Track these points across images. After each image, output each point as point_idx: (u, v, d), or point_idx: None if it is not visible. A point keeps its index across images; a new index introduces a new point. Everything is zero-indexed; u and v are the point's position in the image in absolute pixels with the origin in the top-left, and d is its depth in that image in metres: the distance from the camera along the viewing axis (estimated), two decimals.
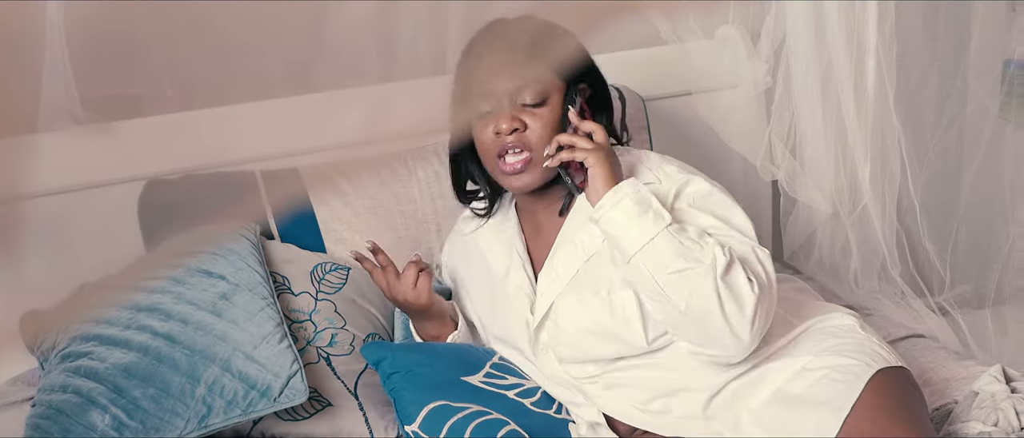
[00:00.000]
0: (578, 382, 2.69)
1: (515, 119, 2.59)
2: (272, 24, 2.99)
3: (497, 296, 2.78)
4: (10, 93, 2.32)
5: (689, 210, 2.58)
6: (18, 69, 2.44)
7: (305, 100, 3.12)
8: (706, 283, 2.44)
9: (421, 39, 3.23)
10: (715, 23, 3.58)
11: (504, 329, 2.78)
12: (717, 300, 2.45)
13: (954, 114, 3.42)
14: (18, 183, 1.96)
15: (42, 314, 2.62)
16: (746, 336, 2.48)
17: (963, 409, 2.72)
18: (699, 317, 2.47)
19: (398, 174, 3.17)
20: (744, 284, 2.47)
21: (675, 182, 2.61)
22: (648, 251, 2.48)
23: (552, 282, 2.67)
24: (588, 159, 2.53)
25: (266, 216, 3.10)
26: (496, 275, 2.78)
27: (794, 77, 3.37)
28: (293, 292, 2.94)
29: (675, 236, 2.48)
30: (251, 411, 2.71)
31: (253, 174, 3.08)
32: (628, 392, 2.65)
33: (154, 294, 2.82)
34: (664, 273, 2.47)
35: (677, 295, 2.46)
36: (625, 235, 2.50)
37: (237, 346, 2.75)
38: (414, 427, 2.66)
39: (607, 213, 2.51)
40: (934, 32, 3.40)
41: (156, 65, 3.11)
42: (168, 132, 3.13)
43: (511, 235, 2.78)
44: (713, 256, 2.46)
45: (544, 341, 2.70)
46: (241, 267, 2.86)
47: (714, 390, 2.59)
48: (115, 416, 2.68)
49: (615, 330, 2.60)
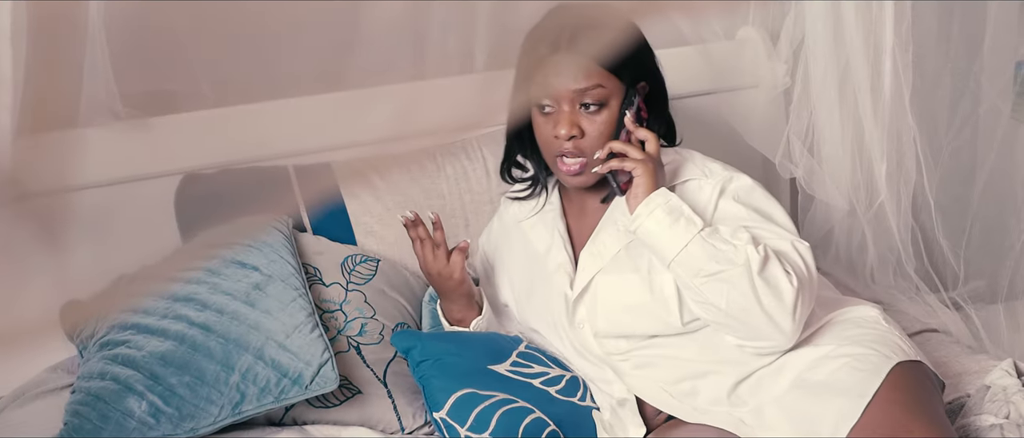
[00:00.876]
0: (610, 357, 2.71)
1: (574, 125, 2.62)
2: (306, 24, 3.00)
3: (536, 275, 2.81)
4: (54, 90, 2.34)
5: (733, 205, 2.62)
6: (61, 67, 2.46)
7: (337, 97, 3.13)
8: (743, 282, 2.48)
9: (449, 38, 3.24)
10: (736, 24, 3.58)
11: (542, 304, 2.80)
12: (755, 297, 2.48)
13: (967, 114, 3.42)
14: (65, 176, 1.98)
15: (81, 304, 2.64)
16: (788, 327, 2.51)
17: (975, 402, 2.73)
18: (740, 314, 2.51)
19: (427, 170, 3.18)
20: (781, 277, 2.50)
21: (720, 178, 2.66)
22: (683, 257, 2.52)
23: (593, 258, 2.71)
24: (636, 169, 2.56)
25: (299, 209, 3.11)
26: (537, 253, 2.81)
27: (812, 77, 3.36)
28: (324, 283, 2.95)
29: (707, 240, 2.52)
30: (283, 398, 2.73)
31: (286, 169, 3.08)
32: (657, 373, 2.68)
33: (190, 284, 2.84)
34: (700, 276, 2.51)
35: (716, 296, 2.50)
36: (660, 243, 2.54)
37: (270, 335, 2.77)
38: (442, 414, 2.67)
39: (642, 223, 2.54)
40: (948, 34, 3.40)
41: (193, 63, 3.12)
42: (204, 128, 3.14)
43: (553, 216, 2.82)
44: (746, 256, 2.49)
45: (581, 315, 2.73)
46: (274, 259, 2.88)
47: (741, 376, 2.62)
48: (152, 403, 2.70)
49: (652, 308, 2.64)
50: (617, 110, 2.63)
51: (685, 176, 2.67)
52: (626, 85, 2.64)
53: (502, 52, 2.77)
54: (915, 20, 3.25)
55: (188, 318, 2.79)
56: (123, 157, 3.02)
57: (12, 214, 2.19)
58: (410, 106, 2.56)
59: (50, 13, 2.46)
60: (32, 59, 2.62)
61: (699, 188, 2.65)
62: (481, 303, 2.86)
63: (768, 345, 2.56)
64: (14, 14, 2.64)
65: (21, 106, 2.66)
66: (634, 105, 2.63)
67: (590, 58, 2.59)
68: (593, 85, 2.61)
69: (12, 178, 2.49)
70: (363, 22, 2.95)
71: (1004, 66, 3.33)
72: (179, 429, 2.69)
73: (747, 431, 2.58)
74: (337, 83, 3.09)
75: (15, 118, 2.66)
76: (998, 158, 3.36)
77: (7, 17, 2.64)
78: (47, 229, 2.03)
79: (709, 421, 2.63)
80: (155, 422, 2.69)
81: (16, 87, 2.68)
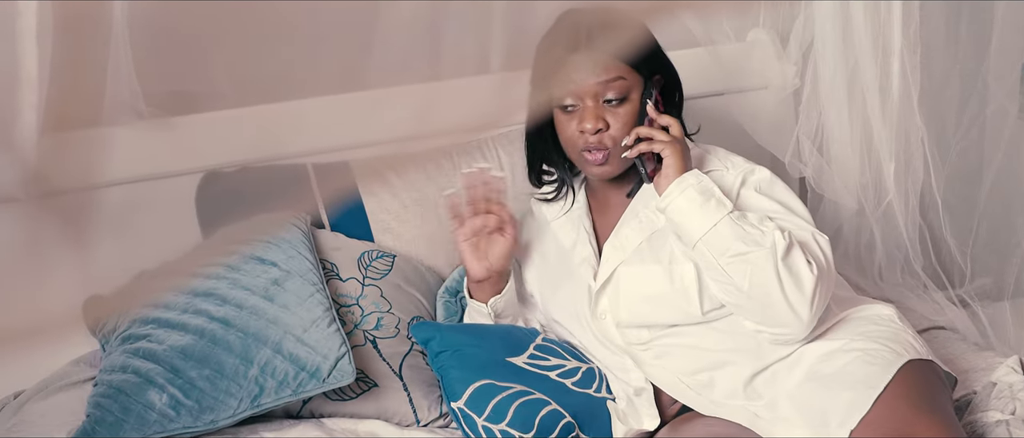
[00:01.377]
0: (630, 347, 2.73)
1: (599, 119, 2.64)
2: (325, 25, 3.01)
3: (563, 270, 2.83)
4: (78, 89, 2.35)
5: (755, 195, 2.65)
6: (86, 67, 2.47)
7: (355, 97, 3.14)
8: (767, 264, 2.50)
9: (465, 39, 3.24)
10: (746, 26, 3.59)
11: (567, 296, 2.82)
12: (777, 281, 2.50)
13: (975, 115, 3.42)
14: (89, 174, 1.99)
15: (104, 299, 2.64)
16: (806, 315, 2.53)
17: (982, 399, 2.73)
18: (761, 297, 2.52)
19: (443, 168, 3.19)
20: (803, 266, 2.52)
21: (741, 170, 2.69)
22: (711, 236, 2.53)
23: (615, 250, 2.73)
24: (664, 151, 2.59)
25: (317, 207, 3.12)
26: (564, 248, 2.84)
27: (822, 78, 3.37)
28: (341, 278, 2.96)
29: (736, 222, 2.54)
30: (301, 391, 2.74)
31: (305, 167, 3.10)
32: (676, 363, 2.69)
33: (210, 280, 2.85)
34: (726, 256, 2.53)
35: (739, 276, 2.52)
36: (689, 221, 2.56)
37: (288, 329, 2.79)
38: (460, 404, 2.69)
39: (674, 201, 2.57)
40: (956, 36, 3.40)
41: (214, 64, 3.13)
42: (225, 127, 3.16)
43: (579, 213, 2.84)
44: (773, 240, 2.52)
45: (603, 306, 2.74)
46: (292, 255, 2.89)
47: (757, 368, 2.63)
48: (172, 395, 2.71)
49: (673, 299, 2.66)
50: (638, 102, 2.66)
51: (708, 167, 2.70)
52: (644, 77, 2.67)
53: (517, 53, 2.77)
54: (923, 22, 3.26)
55: (208, 313, 2.81)
56: (145, 155, 3.03)
57: (38, 210, 2.20)
58: (427, 106, 2.56)
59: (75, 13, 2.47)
60: (57, 59, 2.64)
61: (722, 178, 2.66)
62: (508, 279, 2.87)
63: (784, 332, 2.57)
64: (39, 14, 2.65)
65: (46, 105, 2.67)
66: (652, 96, 2.66)
67: (609, 54, 2.62)
68: (615, 77, 2.64)
69: (38, 174, 2.50)
70: (381, 23, 2.96)
71: (1011, 67, 3.34)
72: (199, 421, 2.71)
73: (762, 426, 2.59)
74: (355, 83, 3.10)
75: (40, 116, 2.68)
76: (1005, 158, 3.36)
77: (33, 17, 2.66)
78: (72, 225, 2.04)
79: (725, 415, 2.64)
80: (175, 414, 2.70)
81: (41, 86, 2.70)
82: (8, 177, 2.80)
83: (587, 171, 2.73)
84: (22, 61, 2.68)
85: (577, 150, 2.69)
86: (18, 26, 2.67)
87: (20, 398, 2.95)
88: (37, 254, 2.03)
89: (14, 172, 2.77)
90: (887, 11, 3.23)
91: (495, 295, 2.85)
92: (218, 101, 3.14)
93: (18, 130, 2.71)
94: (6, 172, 2.82)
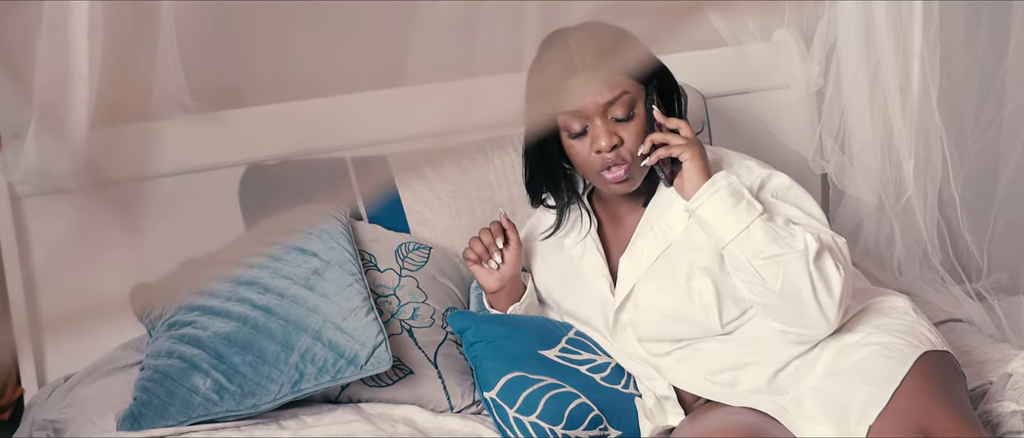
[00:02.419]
0: (652, 358, 2.70)
1: (612, 135, 2.57)
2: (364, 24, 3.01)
3: (571, 276, 2.78)
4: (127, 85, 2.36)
5: (773, 201, 2.59)
6: (135, 63, 2.49)
7: (393, 94, 3.14)
8: (800, 267, 2.47)
9: (500, 38, 3.24)
10: (771, 26, 3.58)
11: (578, 307, 2.79)
12: (809, 283, 2.47)
13: (992, 114, 3.40)
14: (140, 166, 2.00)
15: (151, 286, 2.67)
16: (833, 316, 2.51)
17: (998, 389, 2.72)
18: (792, 299, 2.49)
19: (477, 162, 3.18)
20: (833, 268, 2.49)
21: (757, 176, 2.62)
22: (743, 238, 2.49)
23: (632, 265, 2.67)
24: (684, 154, 2.53)
25: (356, 199, 3.12)
26: (571, 256, 2.78)
27: (844, 78, 3.36)
28: (379, 269, 2.96)
29: (767, 224, 2.50)
30: (339, 377, 2.75)
31: (345, 161, 3.11)
32: (699, 364, 2.66)
33: (253, 269, 2.86)
34: (759, 257, 2.48)
35: (772, 278, 2.48)
36: (720, 224, 2.51)
37: (328, 318, 2.79)
38: (493, 394, 2.68)
39: (704, 203, 2.51)
40: (975, 37, 3.39)
41: (258, 61, 3.14)
42: (268, 122, 3.17)
43: (586, 222, 2.77)
44: (804, 242, 2.48)
45: (624, 321, 2.70)
46: (332, 245, 2.89)
47: (779, 365, 2.59)
48: (216, 380, 2.73)
49: (692, 315, 2.61)
50: (644, 112, 2.60)
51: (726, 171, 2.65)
52: (644, 86, 2.61)
53: None
54: (943, 24, 3.25)
55: (251, 301, 2.81)
56: (191, 148, 3.04)
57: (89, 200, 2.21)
58: (462, 102, 2.56)
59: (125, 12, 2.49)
60: (107, 55, 2.65)
61: (742, 181, 2.62)
62: (525, 283, 2.85)
63: (810, 333, 2.55)
64: (91, 12, 2.67)
65: (96, 99, 2.69)
66: (655, 101, 2.60)
67: (609, 70, 2.56)
68: (620, 93, 2.57)
69: (89, 166, 2.51)
70: (419, 21, 2.97)
71: None
72: (241, 405, 2.72)
73: (789, 419, 2.57)
74: (393, 80, 3.11)
75: (91, 111, 2.70)
76: (1021, 157, 3.35)
77: (84, 15, 2.67)
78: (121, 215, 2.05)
79: (753, 405, 2.61)
80: (219, 398, 2.71)
81: (92, 81, 2.71)
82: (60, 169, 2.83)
83: (608, 190, 2.65)
84: (74, 57, 2.70)
85: (595, 171, 2.61)
86: (70, 24, 2.69)
87: (70, 381, 2.97)
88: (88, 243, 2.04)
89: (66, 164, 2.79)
90: (908, 13, 3.22)
91: (514, 303, 2.82)
92: (261, 97, 3.15)
93: (70, 124, 2.73)
94: (58, 164, 2.84)
